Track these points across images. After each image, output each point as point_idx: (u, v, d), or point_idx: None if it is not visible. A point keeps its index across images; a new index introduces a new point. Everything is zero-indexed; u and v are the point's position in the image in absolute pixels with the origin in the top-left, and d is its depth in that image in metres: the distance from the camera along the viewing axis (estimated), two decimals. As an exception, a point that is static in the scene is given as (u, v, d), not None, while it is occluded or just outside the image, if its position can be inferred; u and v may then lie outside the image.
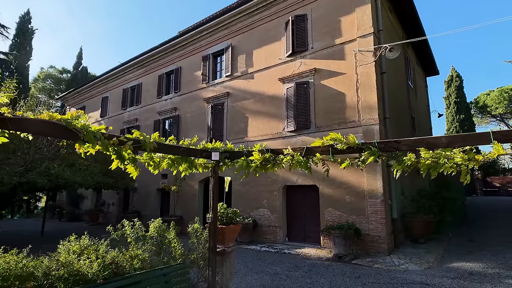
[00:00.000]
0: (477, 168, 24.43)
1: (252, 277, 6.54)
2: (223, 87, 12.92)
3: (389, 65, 10.12)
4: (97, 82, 20.23)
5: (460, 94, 30.61)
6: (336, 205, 9.21)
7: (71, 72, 34.52)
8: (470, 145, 2.55)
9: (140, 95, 17.00)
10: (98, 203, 18.45)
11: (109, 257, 3.38)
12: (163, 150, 3.59)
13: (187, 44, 14.61)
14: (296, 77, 10.62)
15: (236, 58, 12.67)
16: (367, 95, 9.12)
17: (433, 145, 2.72)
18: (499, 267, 6.69)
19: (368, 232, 8.52)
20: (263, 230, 10.61)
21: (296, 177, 10.12)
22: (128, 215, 13.99)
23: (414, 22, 12.70)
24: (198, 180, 13.05)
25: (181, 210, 13.23)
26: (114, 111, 18.62)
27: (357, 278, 6.36)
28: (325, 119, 9.84)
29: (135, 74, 17.53)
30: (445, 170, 2.59)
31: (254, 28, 12.24)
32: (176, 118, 14.65)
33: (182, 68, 14.95)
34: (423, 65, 17.59)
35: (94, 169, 10.15)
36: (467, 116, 29.48)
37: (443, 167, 2.62)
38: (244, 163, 3.85)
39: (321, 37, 10.36)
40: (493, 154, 2.43)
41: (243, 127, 11.85)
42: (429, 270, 6.78)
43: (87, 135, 2.70)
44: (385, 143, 2.96)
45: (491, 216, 14.28)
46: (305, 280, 6.30)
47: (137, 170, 3.30)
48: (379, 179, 8.60)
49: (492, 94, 31.07)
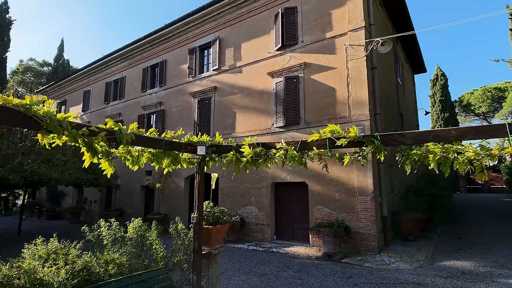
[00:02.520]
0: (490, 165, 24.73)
1: (239, 278, 6.25)
2: (210, 81, 12.51)
3: (379, 61, 9.96)
4: (79, 75, 19.40)
5: (445, 93, 31.07)
6: (326, 203, 9.02)
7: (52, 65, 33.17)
8: (483, 138, 2.31)
9: (124, 89, 16.36)
10: (80, 200, 17.75)
11: (80, 263, 3.00)
12: (143, 143, 3.21)
13: (173, 36, 14.09)
14: (286, 71, 10.33)
15: (223, 51, 12.27)
16: (358, 91, 8.93)
17: (441, 138, 2.47)
18: (490, 265, 6.64)
19: (358, 230, 8.36)
20: (251, 228, 10.32)
21: (285, 173, 9.87)
22: (111, 213, 13.47)
23: (404, 18, 12.62)
24: (184, 177, 12.63)
25: (166, 208, 12.78)
26: (97, 105, 17.90)
27: (349, 278, 6.16)
28: (315, 114, 9.61)
29: (118, 67, 16.85)
30: (459, 166, 2.35)
31: (243, 20, 11.86)
32: (161, 113, 14.14)
33: (168, 61, 14.42)
34: (411, 62, 17.65)
35: (73, 164, 9.58)
36: (451, 114, 29.97)
37: (455, 162, 2.38)
38: (233, 158, 3.54)
39: (312, 30, 10.09)
40: (510, 149, 2.19)
41: (231, 123, 11.50)
42: (420, 269, 6.66)
43: (51, 124, 2.31)
44: (388, 136, 2.70)
45: (477, 213, 14.48)
46: (295, 281, 6.05)
47: (112, 166, 2.92)
48: (369, 176, 8.44)
49: (476, 93, 31.72)
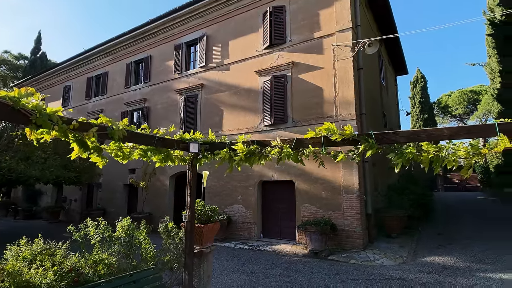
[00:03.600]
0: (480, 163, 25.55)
1: (228, 277, 6.22)
2: (197, 78, 12.36)
3: (365, 62, 10.14)
4: (59, 69, 18.69)
5: (424, 95, 32.06)
6: (312, 201, 9.12)
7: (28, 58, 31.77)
8: (474, 137, 2.39)
9: (106, 85, 15.90)
10: (59, 199, 17.14)
11: (68, 264, 2.89)
12: (134, 140, 3.13)
13: (158, 31, 13.81)
14: (274, 70, 10.35)
15: (211, 48, 12.15)
16: (344, 90, 9.06)
17: (434, 137, 2.54)
18: (469, 260, 6.91)
19: (343, 228, 8.50)
20: (238, 227, 10.30)
21: (272, 172, 9.90)
22: (92, 212, 13.09)
23: (388, 20, 12.92)
24: (169, 175, 12.44)
25: (150, 207, 12.55)
26: (77, 101, 17.31)
27: (336, 274, 6.26)
28: (302, 113, 9.68)
29: (101, 62, 16.35)
30: (449, 164, 2.42)
31: (231, 17, 11.78)
32: (146, 110, 13.85)
33: (153, 57, 14.13)
34: (394, 64, 18.09)
35: (54, 162, 9.23)
36: (430, 115, 30.96)
37: (445, 161, 2.45)
38: (226, 156, 3.51)
39: (300, 30, 10.15)
40: (499, 148, 2.28)
41: (218, 121, 11.41)
42: (404, 265, 6.85)
43: (40, 118, 2.21)
44: (382, 134, 2.75)
45: (455, 210, 15.05)
46: (283, 278, 6.09)
47: (103, 160, 2.82)
48: (355, 174, 8.59)
49: (453, 95, 32.94)
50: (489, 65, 15.50)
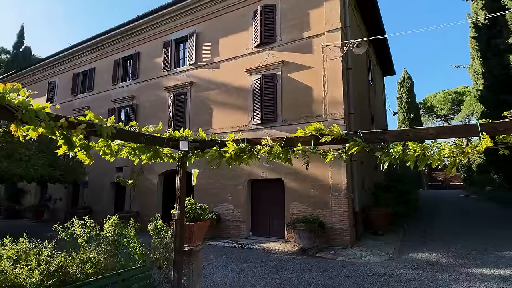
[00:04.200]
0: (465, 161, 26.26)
1: (217, 275, 6.23)
2: (186, 76, 12.26)
3: (353, 62, 10.27)
4: (43, 65, 18.22)
5: (410, 95, 32.74)
6: (301, 199, 9.20)
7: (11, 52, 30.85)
8: (458, 137, 2.47)
9: (93, 81, 15.59)
10: (43, 198, 16.73)
11: (55, 263, 2.84)
12: (123, 137, 3.09)
13: (147, 28, 13.63)
14: (264, 69, 10.37)
15: (200, 46, 12.07)
16: (333, 90, 9.16)
17: (420, 137, 2.61)
18: (452, 256, 7.13)
19: (331, 225, 8.61)
20: (227, 225, 10.30)
21: (262, 170, 9.94)
22: (78, 211, 12.85)
23: (376, 21, 13.09)
24: (158, 174, 12.32)
25: (138, 206, 12.41)
26: (63, 97, 16.91)
27: (324, 271, 6.35)
28: (292, 112, 9.74)
29: (87, 57, 16.02)
30: (434, 162, 2.50)
31: (221, 15, 11.73)
32: (134, 107, 13.66)
33: (141, 53, 13.94)
34: (382, 65, 18.37)
35: (38, 160, 9.01)
36: (416, 115, 31.64)
37: (431, 159, 2.52)
38: (216, 154, 3.50)
39: (290, 29, 10.20)
40: (481, 147, 2.36)
41: (208, 119, 11.36)
42: (390, 261, 7.01)
43: (27, 115, 2.17)
44: (370, 133, 2.80)
45: (439, 207, 15.45)
46: (272, 276, 6.14)
47: (90, 158, 2.78)
48: (343, 172, 8.71)
49: (438, 96, 33.74)
50: (473, 67, 15.96)
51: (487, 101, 14.39)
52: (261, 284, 5.65)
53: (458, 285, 5.38)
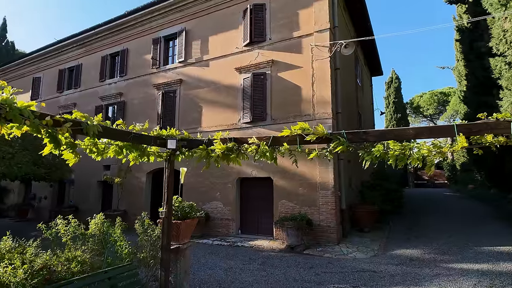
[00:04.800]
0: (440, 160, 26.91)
1: (205, 272, 6.26)
2: (175, 74, 12.19)
3: (342, 62, 10.41)
4: (28, 60, 17.76)
5: (398, 95, 33.27)
6: (290, 197, 9.30)
7: (-8, 47, 29.89)
8: (435, 137, 2.58)
9: (80, 77, 15.31)
10: (27, 196, 16.37)
11: (40, 262, 2.83)
12: (110, 136, 3.10)
13: (136, 24, 13.46)
14: (253, 67, 10.41)
15: (190, 43, 12.01)
16: (322, 90, 9.28)
17: (400, 137, 2.72)
18: (434, 252, 7.35)
19: (319, 223, 8.75)
20: (216, 223, 10.33)
21: (251, 169, 9.99)
22: (64, 210, 12.66)
23: (365, 22, 13.28)
24: (146, 172, 12.24)
25: (125, 204, 12.29)
26: (48, 94, 16.55)
27: (310, 268, 6.46)
28: (281, 111, 9.82)
29: (74, 53, 15.71)
30: (413, 161, 2.60)
31: (211, 13, 11.69)
32: (122, 105, 13.50)
33: (130, 50, 13.77)
34: (370, 65, 18.66)
35: (22, 158, 8.82)
36: (403, 115, 32.20)
37: (410, 158, 2.62)
38: (203, 153, 3.54)
39: (279, 28, 10.26)
40: (457, 147, 2.48)
41: (197, 117, 11.33)
42: (375, 258, 7.18)
43: (11, 113, 2.16)
44: (353, 133, 2.90)
45: (423, 205, 15.83)
46: (260, 273, 6.21)
47: (76, 156, 2.78)
48: (330, 171, 8.85)
49: (425, 96, 34.44)
50: (457, 68, 16.38)
51: (470, 102, 14.80)
52: (248, 281, 5.72)
53: (439, 280, 5.56)
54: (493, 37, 8.92)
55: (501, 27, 8.32)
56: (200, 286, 5.47)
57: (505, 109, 7.84)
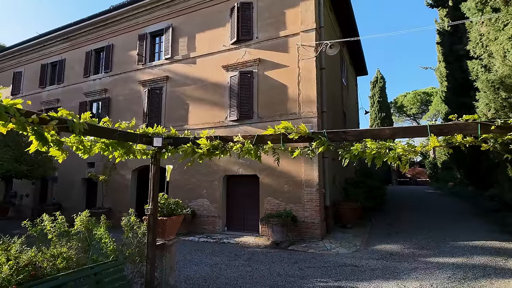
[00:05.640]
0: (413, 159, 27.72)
1: (191, 269, 6.33)
2: (162, 70, 12.11)
3: (327, 62, 10.60)
4: (8, 54, 17.21)
5: (382, 95, 33.97)
6: (275, 194, 9.45)
7: (-30, 39, 28.77)
8: (410, 137, 2.74)
9: (63, 73, 14.98)
10: (8, 194, 15.93)
11: (25, 258, 2.84)
12: (96, 133, 3.13)
13: (121, 20, 13.27)
14: (240, 66, 10.47)
15: (177, 40, 11.95)
16: (307, 89, 9.44)
17: (377, 136, 2.87)
18: (413, 247, 7.66)
19: (303, 219, 8.94)
20: (202, 221, 10.38)
21: (237, 166, 10.08)
22: (47, 208, 12.39)
23: (350, 23, 13.55)
24: (131, 169, 12.14)
25: (110, 202, 12.16)
26: (30, 89, 16.11)
27: (295, 263, 6.63)
28: (267, 110, 9.93)
29: (57, 48, 15.34)
30: (389, 160, 2.75)
31: (198, 10, 11.65)
32: (106, 101, 13.31)
33: (115, 45, 13.57)
34: (355, 65, 19.01)
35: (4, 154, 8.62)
36: (387, 114, 32.91)
37: (386, 157, 2.78)
38: (189, 150, 3.61)
39: (266, 27, 10.35)
40: (429, 146, 2.64)
41: (184, 114, 11.31)
42: (357, 253, 7.42)
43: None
44: (334, 133, 3.03)
45: (405, 202, 16.34)
46: (245, 268, 6.33)
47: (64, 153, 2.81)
48: (315, 169, 9.04)
49: (408, 96, 35.31)
50: (439, 69, 16.93)
51: (451, 102, 15.34)
52: (234, 277, 5.82)
53: (416, 273, 5.83)
54: (470, 40, 9.30)
55: (478, 31, 8.69)
56: (185, 282, 5.54)
57: (480, 110, 8.21)
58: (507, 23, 7.12)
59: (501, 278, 5.42)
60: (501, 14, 7.29)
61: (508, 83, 7.00)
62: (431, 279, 5.48)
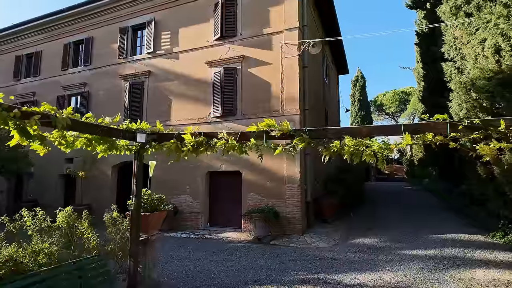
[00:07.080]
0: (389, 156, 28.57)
1: (174, 264, 6.36)
2: (143, 65, 11.92)
3: (310, 61, 10.77)
4: (-22, 43, 16.37)
5: (363, 93, 34.80)
6: (258, 190, 9.58)
7: None
8: (386, 135, 2.91)
9: (40, 65, 14.44)
10: (-21, 191, 15.24)
11: (5, 254, 2.81)
12: (78, 129, 3.12)
13: (102, 12, 12.91)
14: (224, 62, 10.47)
15: (159, 34, 11.78)
16: (290, 87, 9.58)
17: (356, 134, 3.02)
18: (389, 240, 8.01)
19: (285, 215, 9.12)
20: (185, 217, 10.37)
21: (220, 163, 10.12)
22: (22, 205, 11.93)
23: (333, 23, 13.79)
24: (112, 165, 11.92)
25: (89, 199, 11.91)
26: (3, 81, 15.39)
27: (276, 257, 6.79)
28: (251, 107, 10.00)
29: (33, 39, 14.74)
30: (366, 157, 2.91)
31: (181, 4, 11.52)
32: (86, 95, 12.97)
33: (95, 38, 13.21)
34: (337, 64, 19.37)
35: (-25, 150, 8.27)
36: (367, 112, 33.79)
37: (363, 154, 2.94)
38: (173, 146, 3.65)
39: (250, 24, 10.39)
40: (403, 144, 2.82)
41: (166, 110, 11.21)
42: (336, 246, 7.68)
43: (-23, 105, 2.15)
44: (314, 130, 3.16)
45: (383, 198, 16.91)
46: (228, 263, 6.43)
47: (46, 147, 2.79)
48: (297, 165, 9.23)
49: (387, 95, 36.33)
50: (417, 70, 17.54)
51: (427, 101, 15.93)
52: (216, 271, 5.91)
53: (392, 265, 6.12)
54: (445, 43, 9.72)
55: (452, 35, 9.10)
56: (168, 276, 5.57)
57: (453, 110, 8.63)
58: (479, 28, 7.51)
59: (468, 268, 5.79)
60: (473, 19, 7.68)
61: (479, 85, 7.40)
62: (405, 270, 5.78)
